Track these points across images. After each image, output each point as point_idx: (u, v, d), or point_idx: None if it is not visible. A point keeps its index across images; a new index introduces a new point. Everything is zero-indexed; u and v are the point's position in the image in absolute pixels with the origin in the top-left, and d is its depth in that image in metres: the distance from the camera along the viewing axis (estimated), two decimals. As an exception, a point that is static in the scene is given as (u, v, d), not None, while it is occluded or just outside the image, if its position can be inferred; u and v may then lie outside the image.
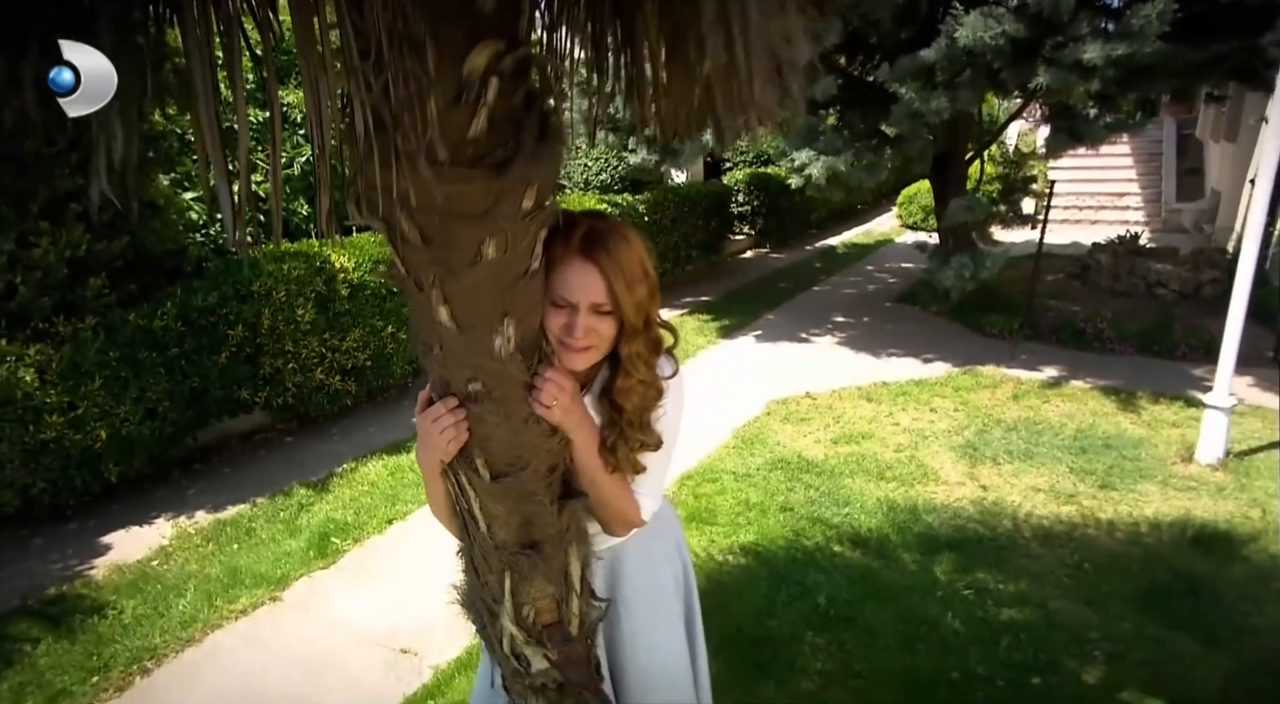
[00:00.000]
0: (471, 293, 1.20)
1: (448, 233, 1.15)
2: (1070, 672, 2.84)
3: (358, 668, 2.90)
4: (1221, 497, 4.05)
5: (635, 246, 1.36)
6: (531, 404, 1.28)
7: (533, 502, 1.34)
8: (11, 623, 3.21)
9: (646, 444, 1.46)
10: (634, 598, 1.64)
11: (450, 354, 1.26)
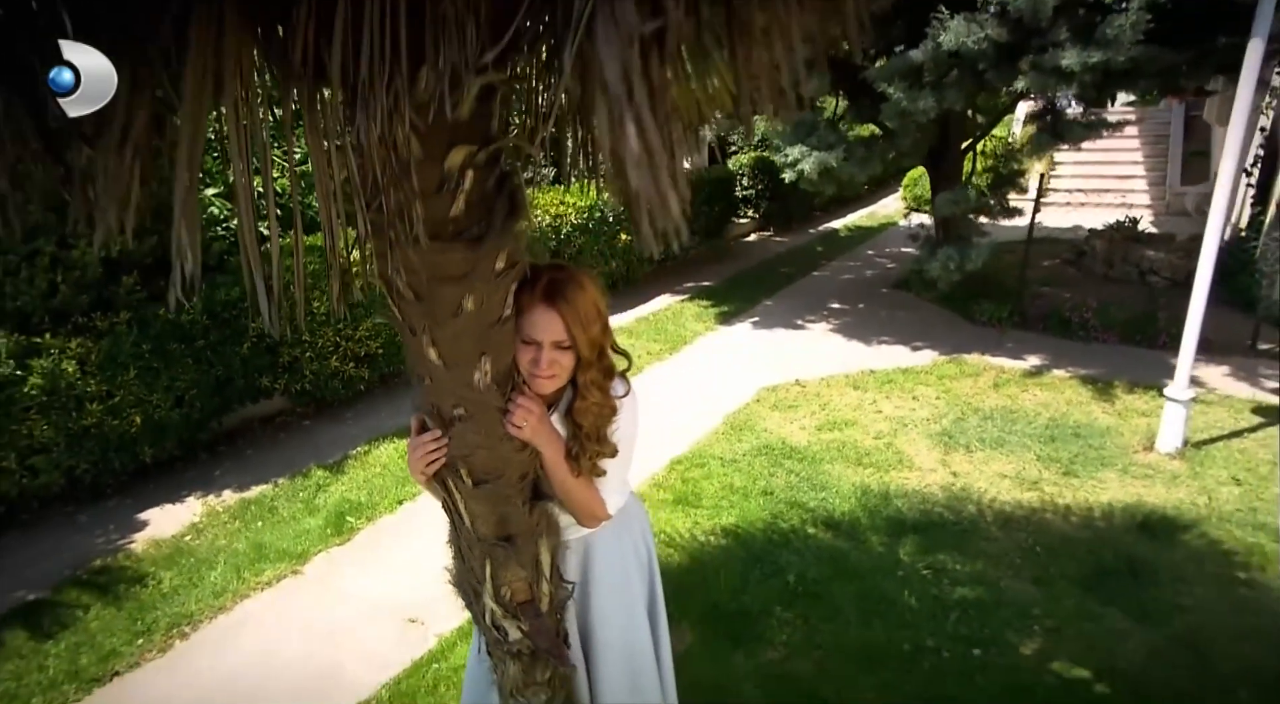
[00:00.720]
0: (454, 338, 1.50)
1: (434, 291, 1.44)
2: (1010, 645, 3.15)
3: (370, 636, 3.25)
4: (1174, 484, 4.32)
5: (589, 292, 1.65)
6: (505, 425, 1.58)
7: (508, 503, 1.65)
8: (64, 591, 3.58)
9: (603, 453, 1.76)
10: (603, 581, 1.95)
11: (438, 385, 1.56)
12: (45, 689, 2.96)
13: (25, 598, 3.55)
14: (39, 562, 3.81)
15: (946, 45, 4.84)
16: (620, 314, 7.86)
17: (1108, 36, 4.42)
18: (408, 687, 2.94)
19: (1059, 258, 9.72)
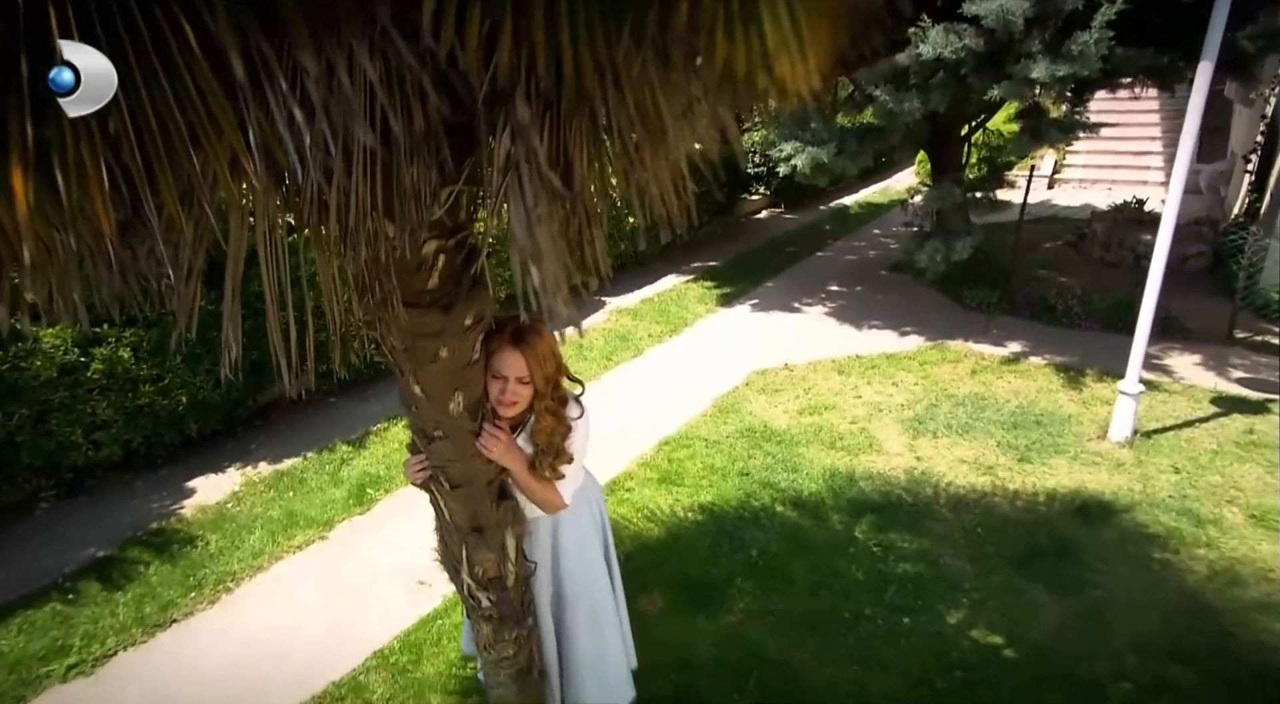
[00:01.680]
0: (433, 377, 1.95)
1: (415, 344, 1.89)
2: (938, 614, 3.60)
3: (385, 595, 3.79)
4: (1118, 472, 4.69)
5: (547, 339, 2.10)
6: (478, 447, 2.04)
7: (478, 503, 2.12)
8: (128, 548, 4.17)
9: (560, 462, 2.22)
10: (569, 547, 2.47)
11: (422, 412, 2.02)
12: (118, 631, 3.55)
13: (96, 554, 4.14)
14: (104, 523, 4.41)
15: (926, 55, 5.10)
16: (627, 295, 8.28)
17: (1073, 52, 4.67)
18: (415, 639, 3.47)
19: (1062, 239, 9.90)
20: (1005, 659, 3.33)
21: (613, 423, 5.47)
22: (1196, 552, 3.94)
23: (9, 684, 3.23)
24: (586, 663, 2.52)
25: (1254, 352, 6.47)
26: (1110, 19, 4.59)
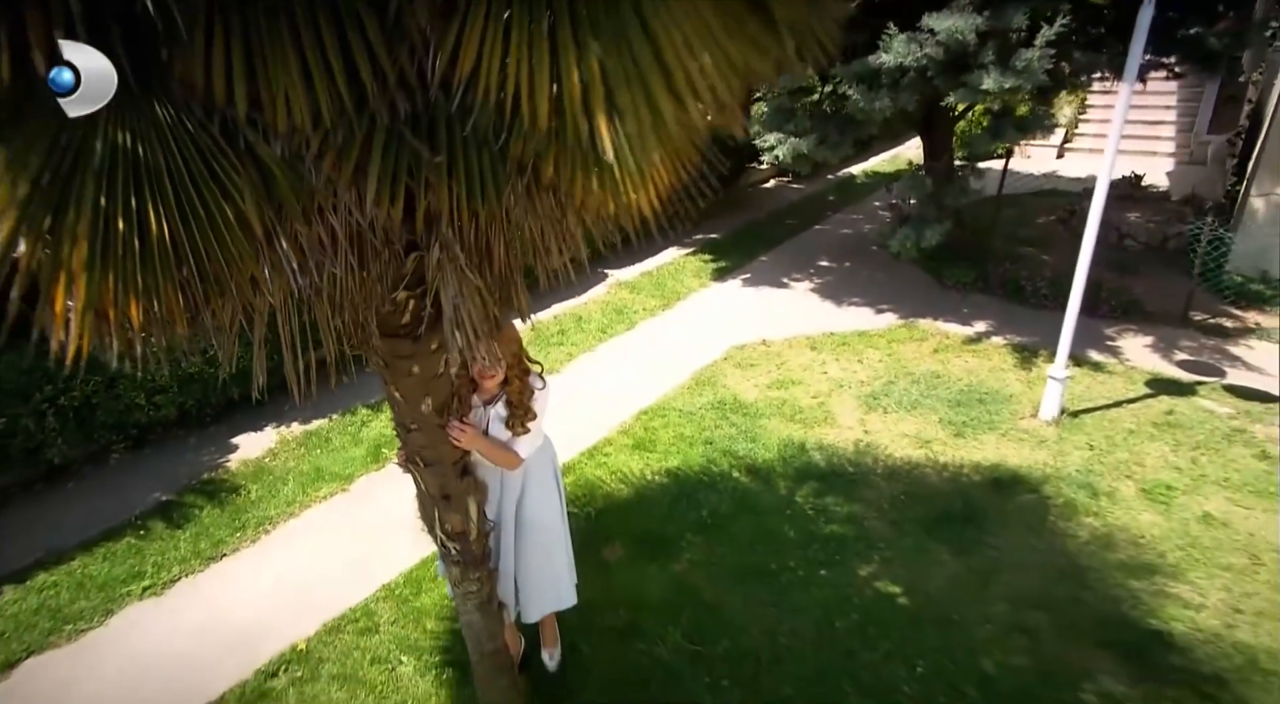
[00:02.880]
0: (408, 386, 2.64)
1: (393, 363, 2.58)
2: (850, 568, 4.28)
3: (394, 539, 4.56)
4: (1039, 448, 5.28)
5: (508, 328, 2.79)
6: (448, 436, 2.74)
7: (446, 477, 2.82)
8: (185, 495, 5.01)
9: (529, 418, 2.93)
10: (532, 490, 3.21)
11: (400, 411, 2.71)
12: (180, 562, 4.39)
13: (159, 498, 4.99)
14: (165, 472, 5.25)
15: (888, 63, 5.54)
16: (629, 267, 8.88)
17: (1018, 68, 5.09)
18: (416, 575, 4.26)
19: (1055, 214, 10.21)
20: (898, 605, 4.02)
21: (599, 393, 6.18)
22: (1085, 520, 4.56)
23: (100, 600, 4.09)
24: (543, 575, 3.29)
25: (1206, 334, 6.91)
26: (1050, 39, 4.99)
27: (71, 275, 1.56)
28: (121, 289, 1.62)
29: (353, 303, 2.06)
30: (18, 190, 1.47)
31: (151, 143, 1.51)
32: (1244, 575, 4.05)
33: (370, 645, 3.81)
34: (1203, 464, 4.99)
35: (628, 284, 8.41)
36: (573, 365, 6.72)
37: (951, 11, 5.29)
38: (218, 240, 1.64)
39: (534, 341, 6.95)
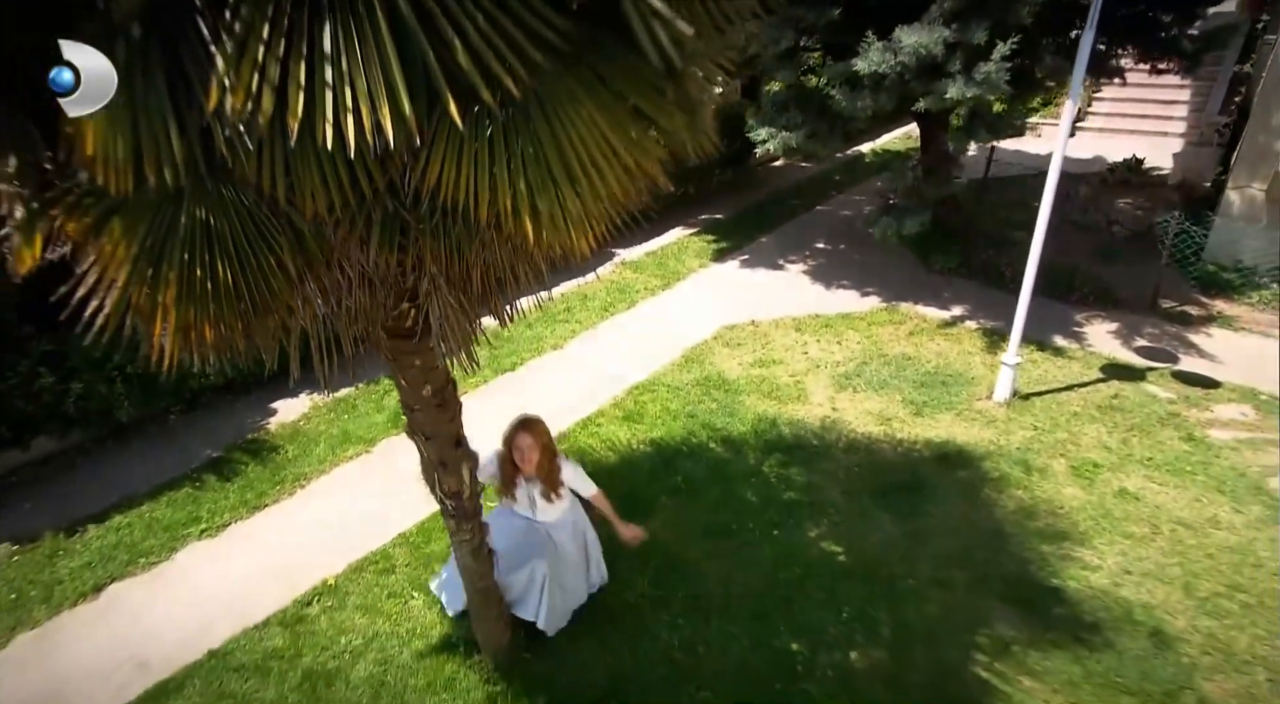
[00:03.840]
0: (412, 376, 3.31)
1: (399, 358, 3.25)
2: (801, 529, 4.92)
3: (410, 494, 5.27)
4: (988, 427, 5.83)
5: (541, 426, 3.52)
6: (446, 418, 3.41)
7: (443, 449, 3.50)
8: (232, 452, 5.79)
9: (560, 485, 3.66)
10: (583, 518, 3.96)
11: (406, 394, 3.39)
12: (231, 509, 5.18)
13: (211, 455, 5.78)
14: (215, 432, 6.03)
15: (863, 69, 5.99)
16: (636, 247, 9.45)
17: (978, 79, 5.52)
18: (428, 526, 4.99)
19: (1051, 199, 10.51)
20: (836, 562, 4.66)
21: (597, 368, 6.84)
22: (1015, 492, 5.14)
23: (165, 539, 4.90)
24: (594, 563, 4.18)
25: (1170, 321, 7.34)
26: (1005, 54, 5.41)
27: (165, 309, 2.23)
28: (198, 317, 2.29)
29: (365, 315, 2.71)
30: (130, 249, 2.14)
31: (219, 216, 2.16)
32: (1141, 542, 4.62)
33: (388, 583, 4.56)
34: (1132, 445, 5.52)
35: (633, 264, 9.00)
36: (575, 341, 7.37)
37: (920, 25, 5.72)
38: (264, 281, 2.29)
39: (542, 319, 7.59)
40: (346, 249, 2.36)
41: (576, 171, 2.01)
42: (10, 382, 5.15)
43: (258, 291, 2.31)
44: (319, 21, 1.62)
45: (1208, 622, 4.06)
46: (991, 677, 3.84)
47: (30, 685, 3.91)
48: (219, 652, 4.08)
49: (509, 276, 2.88)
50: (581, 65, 1.99)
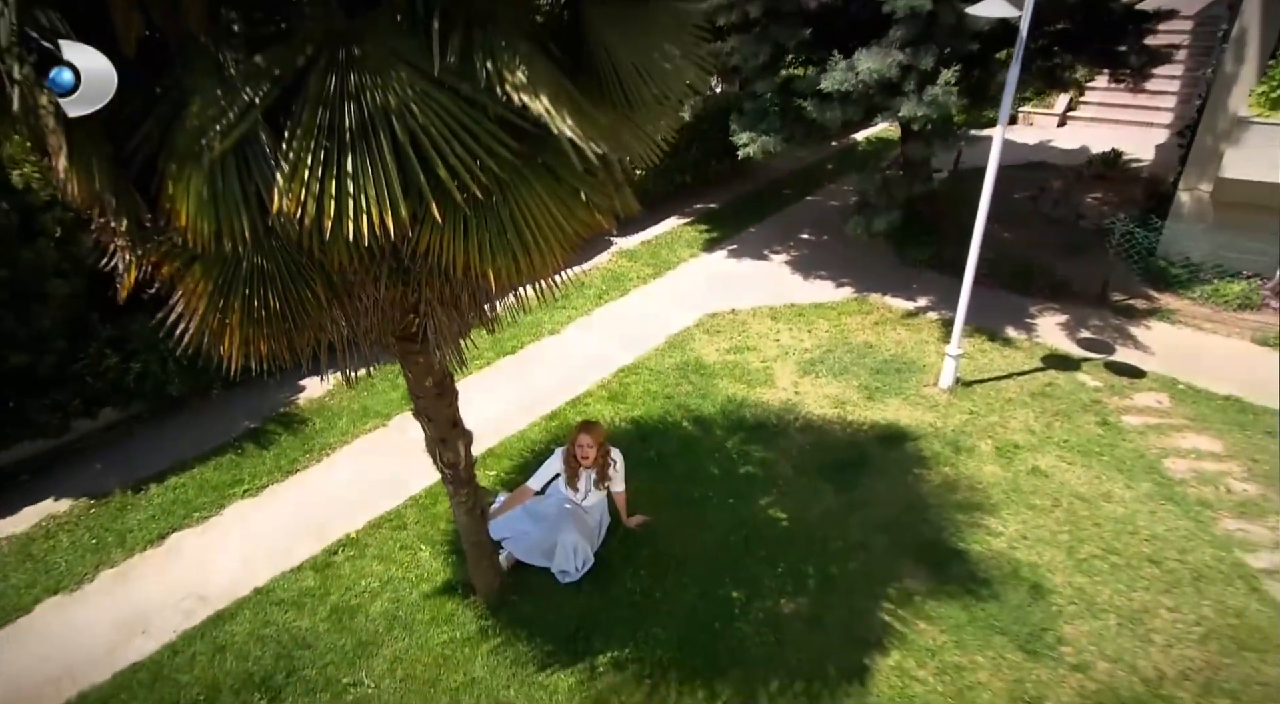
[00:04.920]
0: (417, 371, 4.14)
1: (406, 358, 4.07)
2: (753, 498, 5.72)
3: (421, 462, 6.02)
4: (930, 411, 6.57)
5: (598, 425, 4.45)
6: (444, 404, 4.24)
7: (442, 428, 4.33)
8: (267, 424, 6.67)
9: (606, 479, 4.57)
10: (603, 503, 4.89)
11: (412, 385, 4.22)
12: (267, 473, 6.07)
13: (249, 426, 6.66)
14: (252, 406, 6.91)
15: (827, 87, 6.64)
16: (632, 236, 10.17)
17: (927, 100, 6.16)
18: (436, 489, 5.84)
19: (1029, 191, 11.08)
20: (780, 527, 5.47)
21: (588, 352, 7.63)
22: (943, 469, 5.90)
23: (214, 497, 5.80)
24: (601, 536, 5.08)
25: (1117, 314, 7.99)
26: (950, 80, 6.05)
27: (231, 329, 3.05)
28: (255, 335, 3.11)
29: (378, 328, 3.52)
30: (207, 287, 2.95)
31: (271, 262, 2.95)
32: (1040, 513, 5.38)
33: (400, 537, 5.44)
34: (1053, 428, 6.26)
35: (628, 253, 9.73)
36: (571, 326, 8.16)
37: (878, 49, 6.35)
38: (303, 308, 3.10)
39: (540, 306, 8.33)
40: (364, 285, 3.16)
41: (529, 240, 2.79)
42: (82, 362, 6.03)
43: (298, 316, 3.12)
44: (345, 151, 2.40)
45: (1080, 578, 4.83)
46: (894, 621, 4.65)
47: (117, 610, 4.85)
48: (263, 589, 4.98)
49: (492, 297, 3.66)
50: (537, 160, 2.77)
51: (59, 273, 5.66)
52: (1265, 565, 4.83)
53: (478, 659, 4.50)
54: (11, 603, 4.89)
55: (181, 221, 2.64)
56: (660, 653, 4.50)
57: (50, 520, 5.57)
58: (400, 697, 4.32)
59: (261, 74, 2.40)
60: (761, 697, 4.23)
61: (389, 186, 2.41)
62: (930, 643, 4.48)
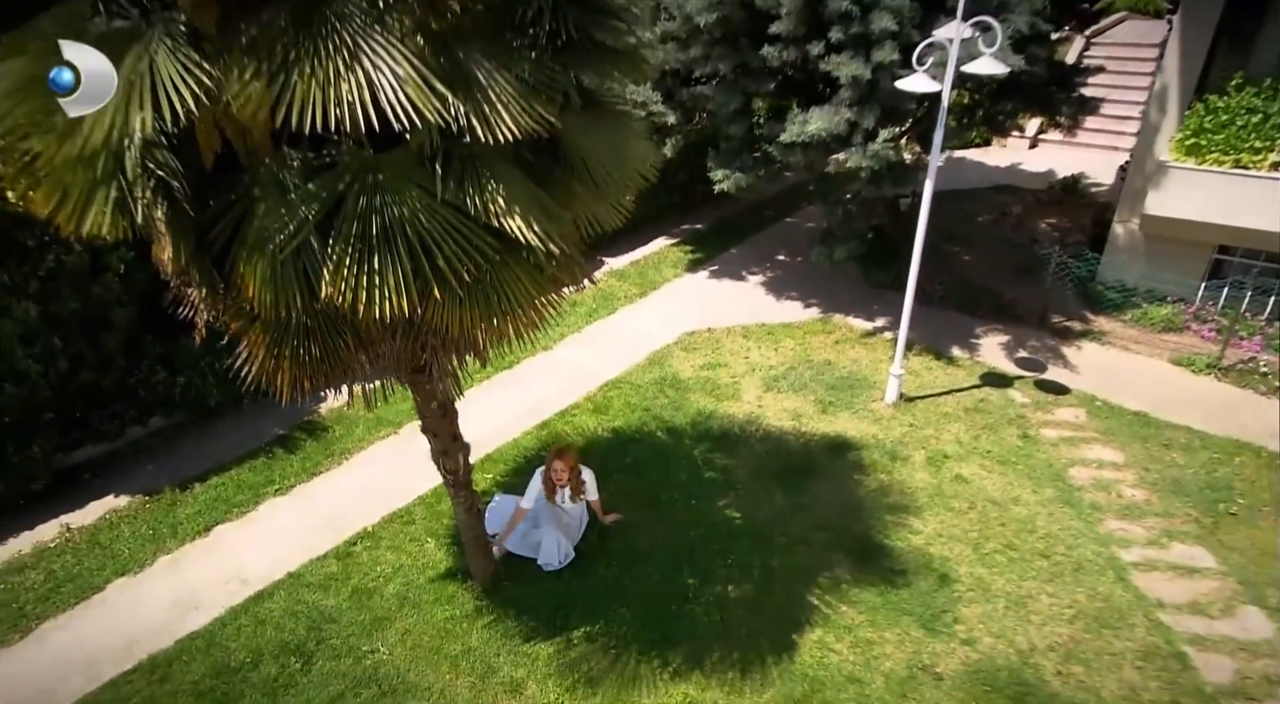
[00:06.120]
0: (424, 395, 5.08)
1: (416, 387, 5.00)
2: (712, 499, 6.63)
3: (427, 466, 6.98)
4: (875, 424, 7.46)
5: (570, 453, 5.41)
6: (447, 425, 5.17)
7: (444, 441, 5.27)
8: (294, 431, 7.62)
9: (586, 492, 5.54)
10: (580, 509, 5.84)
11: (419, 407, 5.16)
12: (295, 474, 7.02)
13: (278, 432, 7.61)
14: (280, 415, 7.84)
15: (784, 139, 7.53)
16: (622, 256, 11.08)
17: (869, 153, 7.05)
18: (439, 491, 6.76)
19: (992, 214, 11.94)
20: (733, 524, 6.38)
21: (577, 368, 8.55)
22: (880, 476, 6.80)
23: (250, 495, 6.76)
24: (581, 533, 5.91)
25: (1054, 336, 8.85)
26: (889, 137, 6.94)
27: (284, 371, 3.99)
28: (301, 375, 4.05)
29: (394, 364, 4.44)
30: (265, 338, 3.89)
31: (314, 320, 3.88)
32: (957, 514, 6.28)
33: (410, 531, 6.38)
34: (980, 440, 7.14)
35: (617, 272, 10.64)
36: (562, 343, 9.07)
37: (829, 108, 7.24)
38: (338, 355, 4.03)
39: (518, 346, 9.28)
40: (384, 339, 4.08)
41: (508, 307, 3.71)
42: (136, 377, 6.99)
43: (333, 360, 4.06)
44: (372, 252, 3.31)
45: (981, 569, 5.73)
46: (821, 604, 5.56)
47: (174, 590, 5.81)
48: (294, 573, 5.93)
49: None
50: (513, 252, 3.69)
51: (120, 302, 6.62)
52: (1135, 559, 5.72)
53: (474, 632, 5.43)
54: (87, 583, 5.86)
55: (250, 294, 3.57)
56: (625, 629, 5.43)
57: (113, 514, 6.54)
58: (410, 663, 5.25)
59: (313, 197, 3.33)
60: (706, 665, 5.15)
61: (404, 277, 3.33)
62: (849, 622, 5.39)
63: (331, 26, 2.96)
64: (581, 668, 5.16)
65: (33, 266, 5.96)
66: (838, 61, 6.98)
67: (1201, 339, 8.44)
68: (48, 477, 6.60)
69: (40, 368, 6.14)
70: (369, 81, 2.92)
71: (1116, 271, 9.26)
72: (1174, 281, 8.80)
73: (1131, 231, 9.03)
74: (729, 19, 7.43)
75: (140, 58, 2.99)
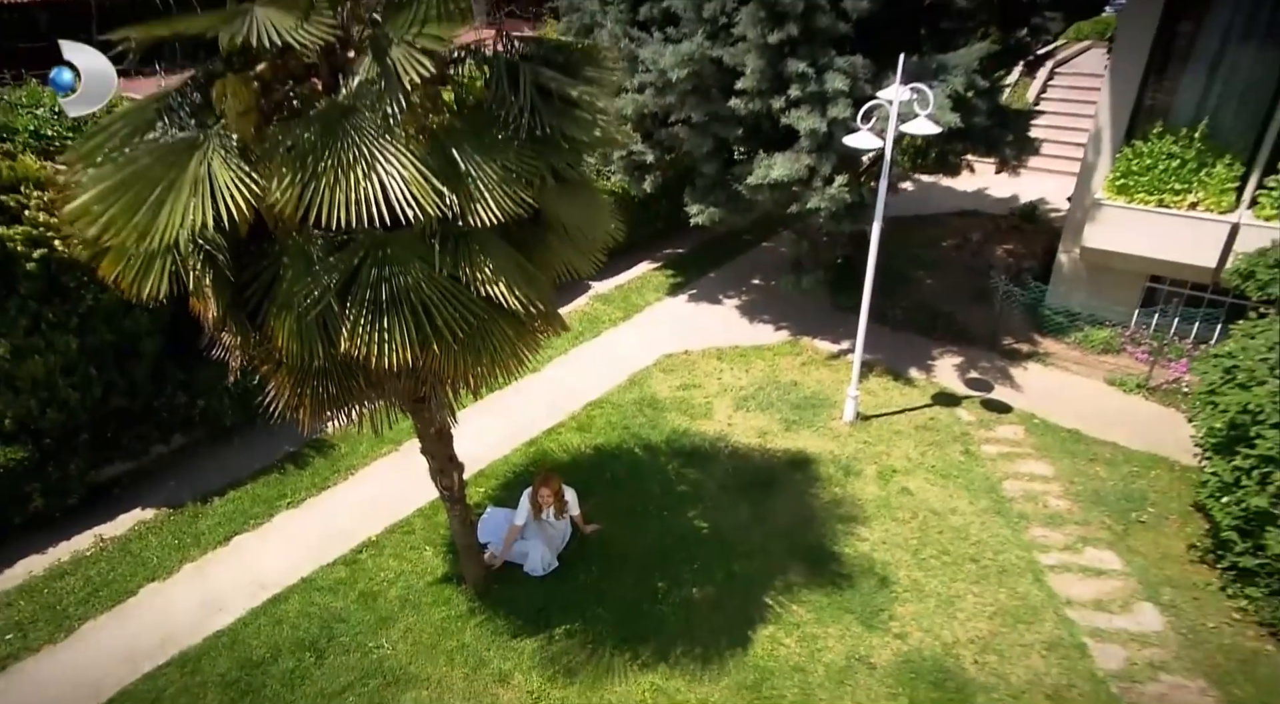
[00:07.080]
0: (424, 422, 5.80)
1: (416, 413, 5.73)
2: (683, 511, 7.35)
3: (425, 481, 7.69)
4: (833, 441, 8.20)
5: (554, 479, 6.15)
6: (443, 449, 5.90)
7: (441, 462, 5.99)
8: (303, 449, 8.32)
9: (569, 509, 6.28)
10: (566, 525, 6.57)
11: (419, 433, 5.88)
12: (305, 489, 7.73)
13: (289, 450, 8.32)
14: (290, 434, 8.53)
15: (751, 182, 8.28)
16: (607, 280, 11.82)
17: (827, 195, 7.81)
18: (436, 504, 7.47)
19: (955, 240, 12.71)
20: (701, 534, 7.10)
21: (563, 388, 9.27)
22: (833, 489, 7.53)
23: (265, 508, 7.47)
24: (564, 543, 6.59)
25: (1003, 357, 9.61)
26: (844, 182, 7.71)
27: (305, 405, 4.72)
28: (320, 409, 4.78)
29: (399, 395, 5.17)
30: (290, 379, 4.62)
31: (332, 365, 4.61)
32: (901, 523, 7.01)
33: (409, 540, 7.09)
34: (927, 456, 7.88)
35: (603, 296, 11.38)
36: (549, 366, 9.80)
37: (791, 154, 8.00)
38: (351, 392, 4.76)
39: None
40: (390, 380, 4.81)
41: (494, 356, 4.45)
42: (161, 400, 7.70)
43: (349, 396, 4.79)
44: (382, 315, 4.04)
45: (918, 572, 6.47)
46: (775, 605, 6.28)
47: (199, 593, 6.51)
48: (307, 578, 6.64)
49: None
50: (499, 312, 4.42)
51: (149, 333, 7.33)
52: (1052, 562, 6.46)
53: (467, 630, 6.14)
54: (122, 588, 6.56)
55: (279, 344, 4.29)
56: (601, 627, 6.14)
57: (141, 525, 7.24)
58: (411, 657, 5.96)
59: (333, 267, 4.06)
60: (671, 658, 5.86)
61: (409, 334, 4.06)
62: (798, 620, 6.12)
63: (351, 140, 3.70)
64: (562, 660, 5.87)
65: (74, 304, 6.68)
66: (797, 116, 7.74)
67: (1135, 361, 9.21)
68: (82, 491, 7.30)
69: (78, 395, 6.85)
70: (381, 185, 3.66)
71: (1062, 298, 10.04)
72: (1112, 308, 9.58)
73: (1075, 260, 9.80)
74: (700, 73, 8.18)
75: (201, 163, 3.75)
